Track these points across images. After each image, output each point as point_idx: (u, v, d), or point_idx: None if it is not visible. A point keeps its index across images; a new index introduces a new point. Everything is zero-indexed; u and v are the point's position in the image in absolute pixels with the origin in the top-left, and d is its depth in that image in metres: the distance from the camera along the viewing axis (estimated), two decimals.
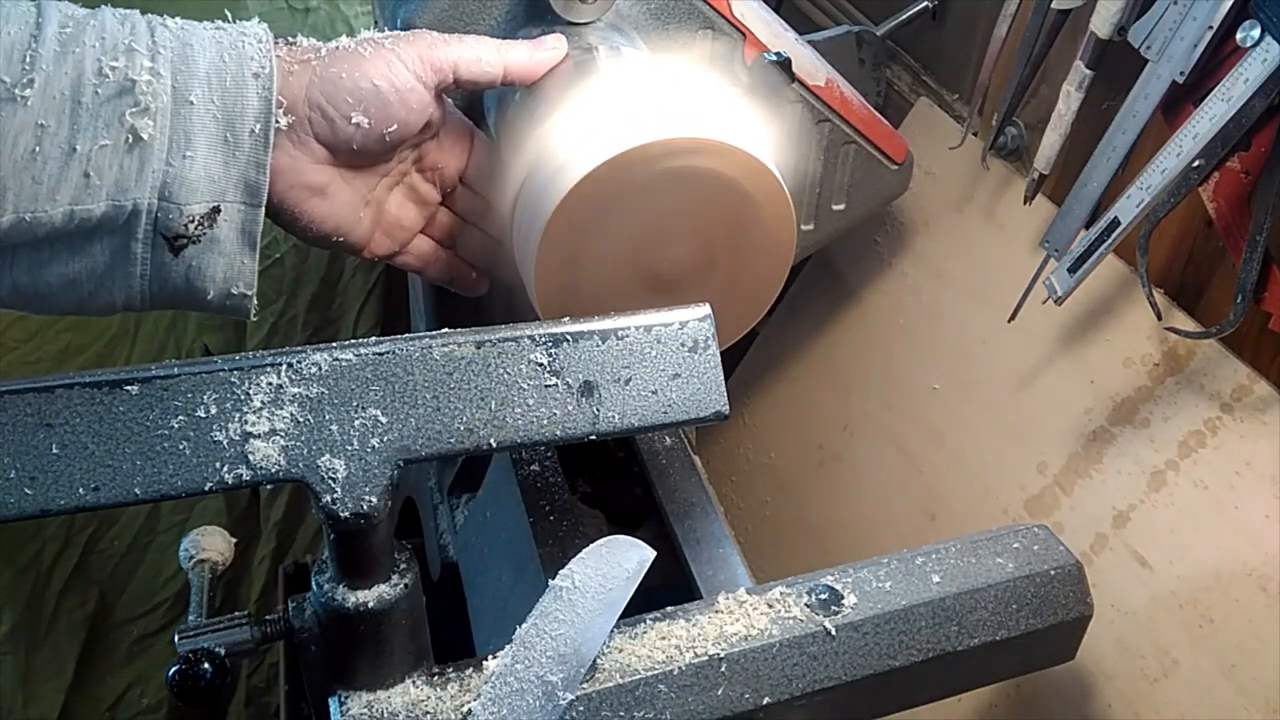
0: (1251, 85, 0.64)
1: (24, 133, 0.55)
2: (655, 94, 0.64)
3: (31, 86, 0.55)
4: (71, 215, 0.57)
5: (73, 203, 0.57)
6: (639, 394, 0.54)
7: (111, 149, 0.57)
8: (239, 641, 0.57)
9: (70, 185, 0.56)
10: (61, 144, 0.56)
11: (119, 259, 0.60)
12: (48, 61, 0.55)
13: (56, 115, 0.55)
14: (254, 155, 0.60)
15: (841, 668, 0.57)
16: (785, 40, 0.81)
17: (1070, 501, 0.84)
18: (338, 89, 0.62)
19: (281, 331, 1.40)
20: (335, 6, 1.27)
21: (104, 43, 0.57)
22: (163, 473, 0.47)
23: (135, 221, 0.59)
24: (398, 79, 0.63)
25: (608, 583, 0.54)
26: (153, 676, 1.51)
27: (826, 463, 1.09)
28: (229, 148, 0.60)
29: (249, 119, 0.60)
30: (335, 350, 0.49)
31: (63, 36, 0.56)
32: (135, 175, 0.58)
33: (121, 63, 0.57)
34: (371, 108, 0.62)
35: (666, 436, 0.81)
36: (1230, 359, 0.75)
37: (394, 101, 0.63)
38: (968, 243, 0.97)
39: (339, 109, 0.62)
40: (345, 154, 0.64)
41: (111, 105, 0.56)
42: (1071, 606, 0.62)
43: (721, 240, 0.63)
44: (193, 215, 0.59)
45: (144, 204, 0.58)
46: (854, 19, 1.12)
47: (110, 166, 0.57)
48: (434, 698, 0.53)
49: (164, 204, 0.59)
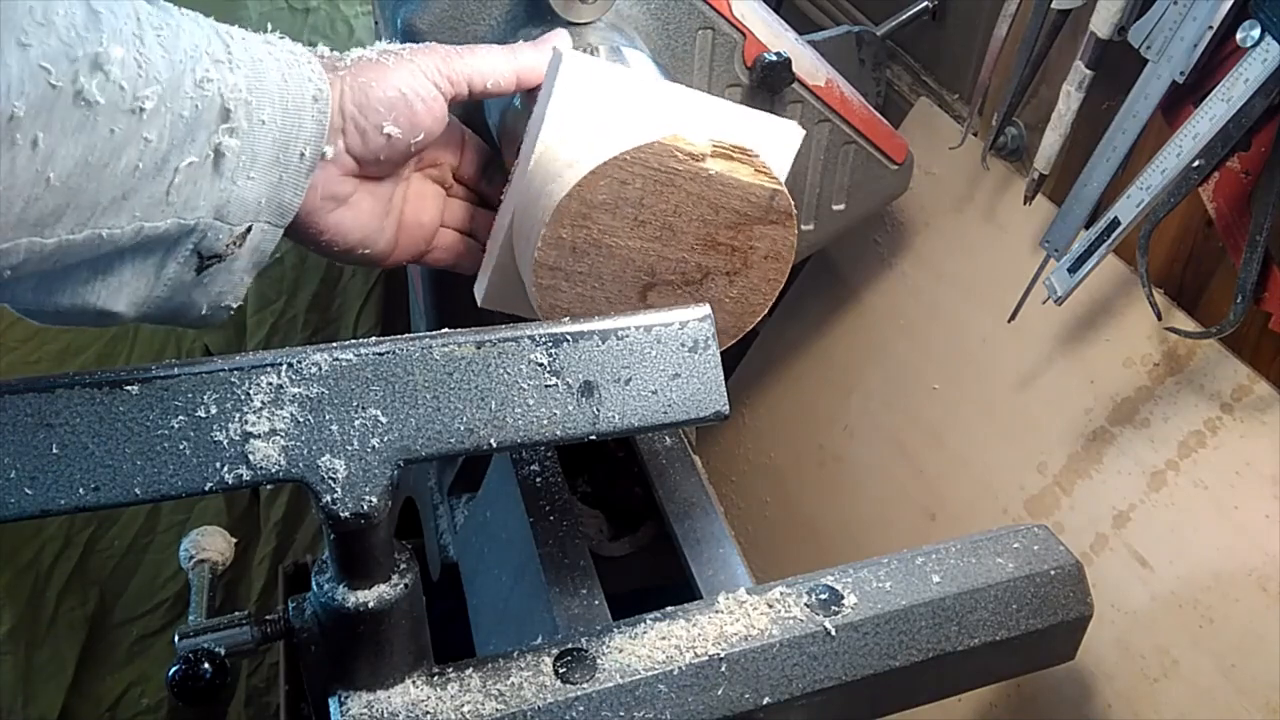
0: (1251, 85, 0.64)
1: (130, 145, 0.50)
2: (655, 94, 0.64)
3: (150, 99, 0.50)
4: (140, 230, 0.53)
5: (145, 218, 0.53)
6: (639, 394, 0.54)
7: (196, 166, 0.54)
8: (239, 641, 0.58)
9: (150, 200, 0.53)
10: (158, 159, 0.52)
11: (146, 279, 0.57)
12: (159, 70, 0.50)
13: (159, 129, 0.51)
14: (296, 179, 0.58)
15: (841, 668, 0.57)
16: (785, 40, 0.81)
17: (1070, 501, 0.84)
18: (369, 98, 0.61)
19: (281, 331, 1.40)
20: (335, 6, 1.27)
21: (196, 50, 0.53)
22: (163, 473, 0.47)
23: (185, 240, 0.56)
24: (422, 88, 0.62)
25: None
26: (153, 676, 1.51)
27: (826, 463, 1.09)
28: (279, 168, 0.57)
29: (301, 142, 0.58)
30: (335, 350, 0.49)
31: (163, 41, 0.51)
32: (205, 193, 0.55)
33: (215, 76, 0.53)
34: (401, 117, 0.61)
35: (666, 436, 0.81)
36: (1230, 359, 0.75)
37: (420, 111, 0.62)
38: (968, 243, 0.97)
39: (371, 119, 0.61)
40: (371, 164, 0.63)
41: (203, 121, 0.53)
42: (1071, 606, 0.62)
43: (722, 241, 0.63)
44: (235, 235, 0.57)
45: (203, 222, 0.56)
46: (854, 19, 1.12)
47: (188, 183, 0.54)
48: (434, 698, 0.53)
49: (216, 223, 0.56)
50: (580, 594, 0.67)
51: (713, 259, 0.64)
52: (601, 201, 0.59)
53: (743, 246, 0.63)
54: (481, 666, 0.54)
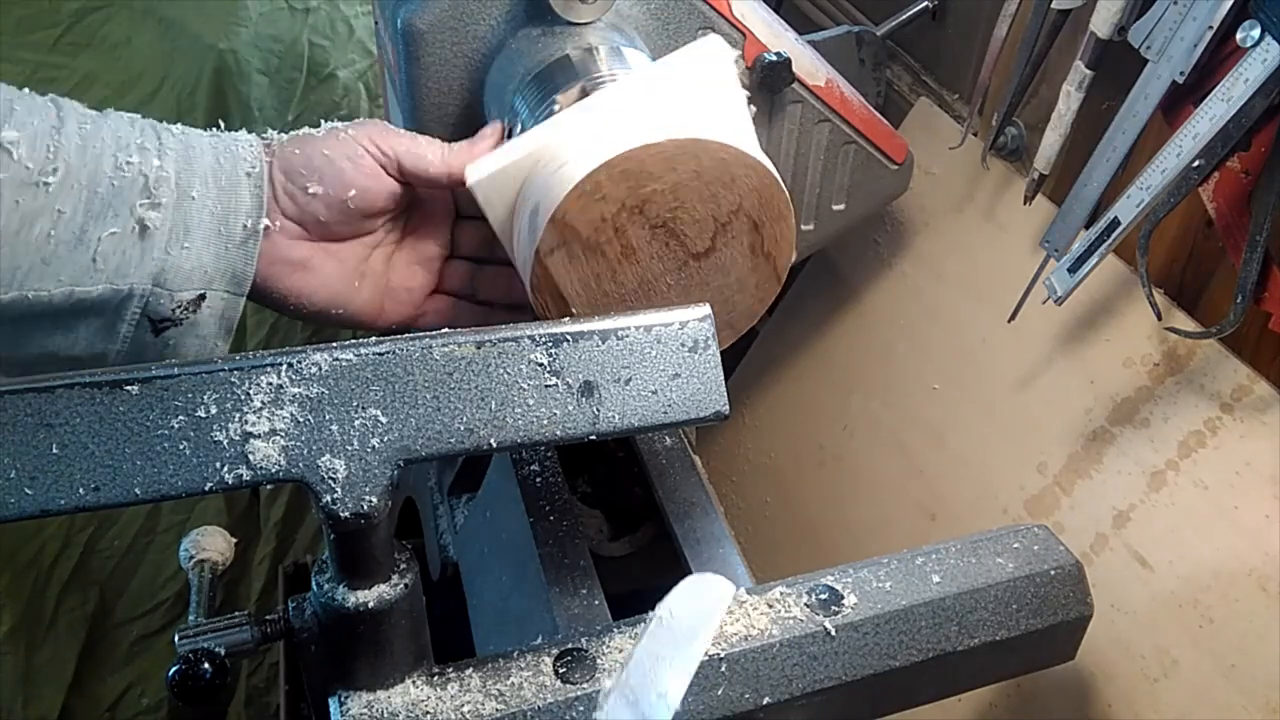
0: (1251, 85, 0.64)
1: (42, 216, 0.59)
2: (656, 94, 0.64)
3: (55, 175, 0.59)
4: (70, 294, 0.61)
5: (74, 283, 0.61)
6: (639, 394, 0.54)
7: (119, 237, 0.61)
8: (239, 641, 0.57)
9: (75, 267, 0.60)
10: (75, 229, 0.60)
11: (102, 335, 0.64)
12: (70, 153, 0.59)
13: (73, 203, 0.60)
14: (244, 248, 0.65)
15: (841, 668, 0.57)
16: (785, 40, 0.81)
17: (1070, 501, 0.84)
18: (292, 163, 0.66)
19: (281, 331, 1.40)
20: (335, 6, 1.27)
21: (119, 140, 0.62)
22: (163, 473, 0.47)
23: (127, 304, 0.63)
24: (347, 149, 0.66)
25: (699, 616, 0.55)
26: (153, 676, 1.51)
27: (826, 463, 1.09)
28: (222, 240, 0.64)
29: (242, 214, 0.64)
30: (335, 350, 0.49)
31: (83, 132, 0.60)
32: (136, 262, 0.62)
33: (136, 159, 0.61)
34: (325, 176, 0.66)
35: (666, 436, 0.81)
36: (1230, 359, 0.75)
37: (347, 169, 0.66)
38: (968, 243, 0.97)
39: (296, 181, 0.66)
40: (315, 226, 0.67)
41: (124, 197, 0.61)
42: (1071, 606, 0.62)
43: (721, 240, 0.63)
44: (181, 301, 0.64)
45: (139, 289, 0.63)
46: (854, 19, 1.12)
47: (115, 252, 0.61)
48: (434, 698, 0.53)
49: (157, 290, 0.63)
50: (580, 594, 0.67)
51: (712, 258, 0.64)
52: (601, 201, 0.59)
53: (742, 246, 0.64)
54: (481, 666, 0.54)
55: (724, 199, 0.61)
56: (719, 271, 0.64)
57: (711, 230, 0.62)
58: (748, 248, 0.64)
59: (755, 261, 0.64)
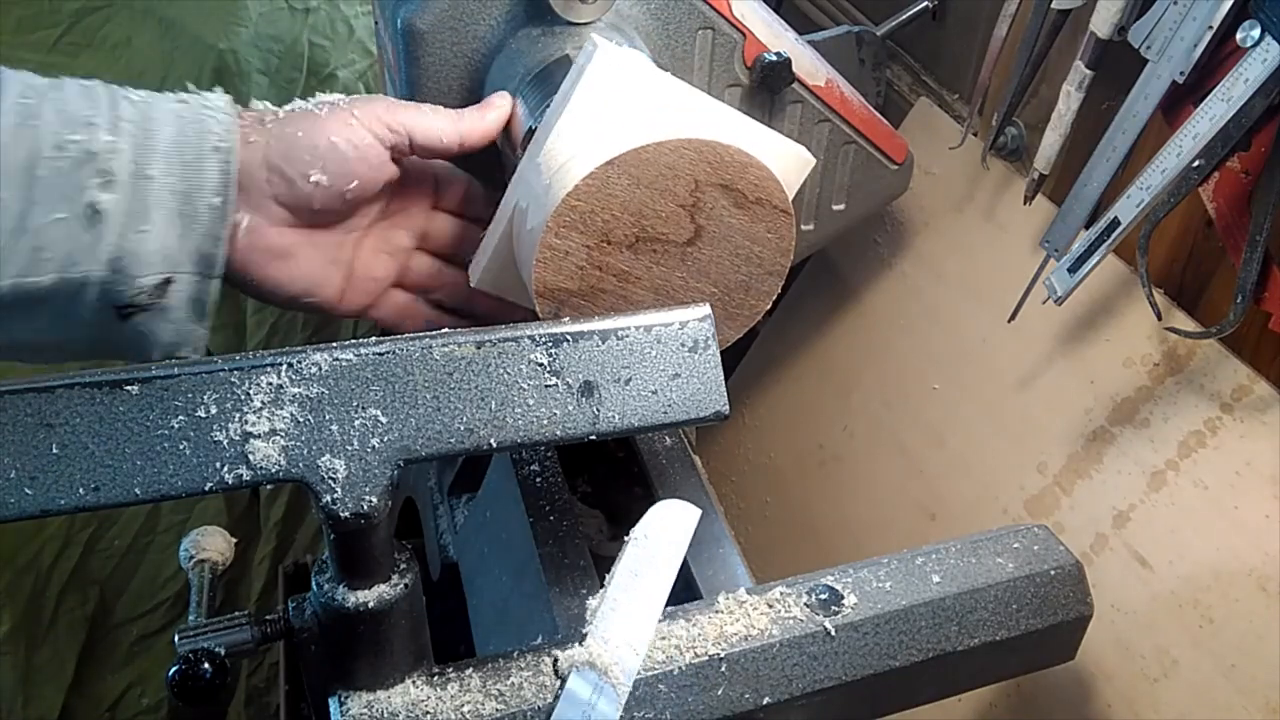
0: (1251, 85, 0.64)
1: None
2: (656, 94, 0.64)
3: None
4: (17, 286, 0.56)
5: (19, 275, 0.56)
6: (639, 394, 0.54)
7: (66, 222, 0.56)
8: (239, 641, 0.57)
9: (19, 258, 0.56)
10: (13, 217, 0.55)
11: (65, 325, 0.59)
12: (4, 133, 0.54)
13: (10, 188, 0.54)
14: (211, 228, 0.60)
15: (841, 668, 0.57)
16: (785, 40, 0.81)
17: (1070, 501, 0.84)
18: (295, 147, 0.62)
19: (281, 331, 1.40)
20: (335, 6, 1.27)
21: (63, 115, 0.56)
22: (163, 473, 0.47)
23: (83, 292, 0.58)
24: (356, 136, 0.63)
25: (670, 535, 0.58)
26: (153, 676, 1.51)
27: (826, 463, 1.09)
28: (185, 221, 0.59)
29: (207, 192, 0.59)
30: (335, 350, 0.49)
31: (21, 107, 0.55)
32: (88, 248, 0.57)
33: (81, 136, 0.56)
34: (330, 165, 0.62)
35: (666, 436, 0.81)
36: (1230, 359, 0.75)
37: (352, 158, 0.63)
38: (968, 243, 0.97)
39: (297, 168, 0.62)
40: (306, 214, 0.64)
41: (68, 179, 0.56)
42: (1071, 606, 0.62)
43: (721, 240, 0.63)
44: (143, 287, 0.59)
45: (94, 276, 0.58)
46: (854, 19, 1.12)
47: (63, 239, 0.56)
48: (434, 698, 0.53)
49: (115, 276, 0.58)
50: (580, 594, 0.67)
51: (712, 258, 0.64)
52: (602, 201, 0.59)
53: (742, 245, 0.63)
54: (481, 666, 0.54)
55: (675, 186, 0.60)
56: (719, 242, 0.63)
57: (686, 217, 0.61)
58: (732, 206, 0.62)
59: (749, 212, 0.63)
